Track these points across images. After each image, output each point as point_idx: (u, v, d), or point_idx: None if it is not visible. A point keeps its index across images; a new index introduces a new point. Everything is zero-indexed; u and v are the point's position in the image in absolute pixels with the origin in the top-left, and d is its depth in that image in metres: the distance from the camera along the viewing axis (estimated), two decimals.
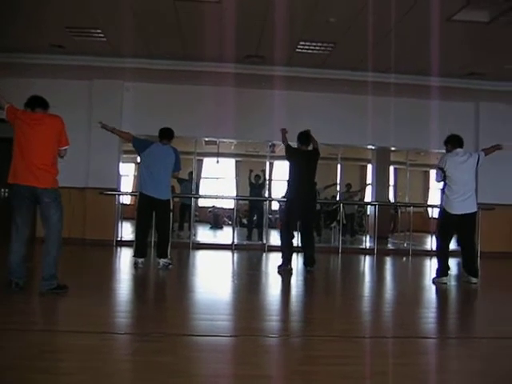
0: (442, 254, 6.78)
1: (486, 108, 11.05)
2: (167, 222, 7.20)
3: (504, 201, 10.65)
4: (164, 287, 6.36)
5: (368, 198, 15.22)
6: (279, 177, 14.93)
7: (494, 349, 3.79)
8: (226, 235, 13.52)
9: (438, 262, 6.79)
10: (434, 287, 6.56)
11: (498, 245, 10.55)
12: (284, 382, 2.98)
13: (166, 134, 7.19)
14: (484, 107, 11.08)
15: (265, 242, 10.90)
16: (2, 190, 10.39)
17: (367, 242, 12.27)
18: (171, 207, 7.28)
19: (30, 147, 4.90)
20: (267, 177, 12.53)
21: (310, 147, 7.61)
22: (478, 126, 11.05)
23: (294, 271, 7.29)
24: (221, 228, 16.53)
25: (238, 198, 12.82)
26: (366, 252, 10.99)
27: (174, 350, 3.41)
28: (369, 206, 14.14)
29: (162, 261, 7.03)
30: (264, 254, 9.98)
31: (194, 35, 8.11)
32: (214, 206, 17.46)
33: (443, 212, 6.79)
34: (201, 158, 16.84)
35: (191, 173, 12.13)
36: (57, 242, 4.99)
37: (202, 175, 18.10)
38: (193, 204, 11.56)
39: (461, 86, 10.07)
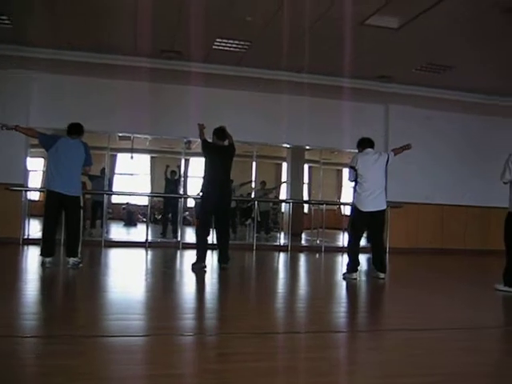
0: (353, 251, 6.99)
1: (396, 110, 11.54)
2: (77, 219, 6.93)
3: (411, 199, 11.19)
4: (73, 287, 6.13)
5: (283, 195, 15.46)
6: (195, 173, 14.84)
7: (400, 340, 3.95)
8: (139, 233, 13.27)
9: (349, 258, 6.99)
10: (344, 283, 6.76)
11: (405, 241, 11.08)
12: (196, 381, 2.95)
13: (75, 129, 6.90)
14: (393, 109, 11.57)
15: (179, 239, 10.80)
16: None
17: (281, 239, 12.45)
18: (81, 204, 7.02)
19: None
20: (182, 173, 12.42)
21: (226, 142, 7.61)
22: (388, 127, 11.52)
23: (208, 268, 7.27)
24: (135, 225, 16.22)
25: (152, 195, 12.62)
26: (280, 249, 11.16)
27: (83, 353, 3.28)
28: (283, 204, 14.37)
29: (71, 260, 6.76)
30: (178, 252, 9.89)
31: (108, 27, 7.88)
32: (128, 203, 17.09)
33: (354, 209, 7.02)
34: (114, 153, 16.43)
35: (104, 169, 11.80)
36: None
37: (116, 171, 17.66)
38: (105, 201, 11.24)
39: (371, 88, 10.46)
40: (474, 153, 11.76)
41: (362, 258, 7.51)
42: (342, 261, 9.03)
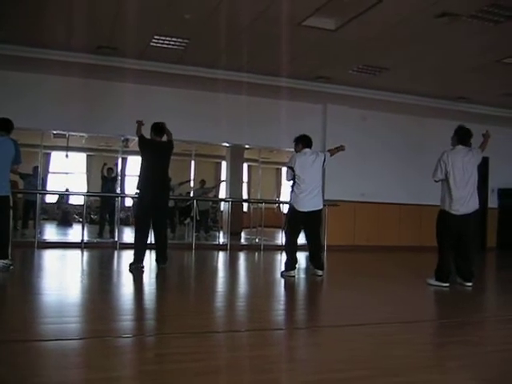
0: (290, 249, 7.06)
1: (333, 110, 11.75)
2: (6, 219, 6.63)
3: (347, 197, 11.42)
4: (3, 290, 5.87)
5: (222, 194, 15.45)
6: (132, 172, 14.58)
7: (337, 336, 4.02)
8: (75, 233, 12.92)
9: (287, 256, 7.07)
10: (283, 280, 6.81)
11: (342, 238, 11.30)
12: (133, 383, 2.89)
13: (4, 125, 6.60)
14: (331, 109, 11.77)
15: (116, 239, 10.59)
16: None
17: (221, 238, 12.43)
18: (11, 204, 6.73)
19: None
20: (120, 172, 12.18)
21: (164, 138, 7.51)
22: (326, 126, 11.71)
23: (146, 269, 7.16)
24: (70, 226, 15.77)
25: (88, 194, 12.30)
26: (219, 248, 11.14)
27: (12, 359, 3.15)
28: (223, 203, 14.35)
29: (1, 262, 6.49)
30: (116, 252, 9.70)
31: (41, 21, 7.61)
32: (63, 203, 16.61)
33: (291, 208, 7.08)
34: (48, 151, 15.90)
35: (36, 167, 11.39)
36: None
37: (50, 170, 17.11)
38: (38, 200, 10.86)
39: (309, 88, 10.60)
40: (408, 152, 12.16)
41: (301, 256, 7.59)
42: (281, 259, 9.10)
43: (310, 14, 7.18)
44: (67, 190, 14.67)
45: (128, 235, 11.46)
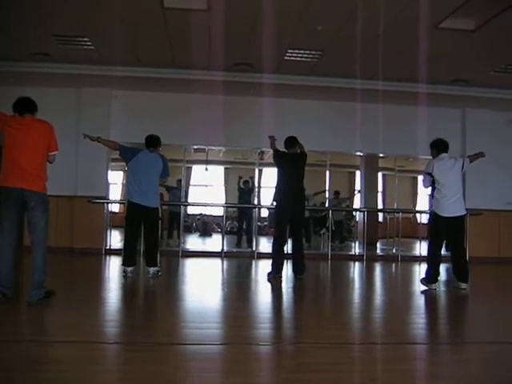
0: (433, 260, 6.75)
1: (473, 114, 11.15)
2: (156, 230, 7.15)
3: (491, 206, 10.74)
4: (154, 296, 6.32)
5: (357, 204, 15.27)
6: (268, 184, 14.92)
7: (484, 354, 3.79)
8: (214, 243, 13.49)
9: (429, 267, 6.76)
10: (421, 292, 6.56)
11: (485, 250, 10.61)
12: None
13: (153, 142, 7.11)
14: (470, 113, 11.18)
15: (254, 249, 10.88)
16: None
17: (356, 249, 12.27)
18: (160, 215, 7.23)
19: (19, 151, 4.85)
20: (256, 184, 12.53)
21: (297, 150, 7.62)
22: (465, 132, 11.14)
23: (283, 278, 7.28)
24: (210, 236, 16.50)
25: (226, 206, 12.79)
26: (355, 258, 11.00)
27: (164, 360, 3.38)
28: (357, 213, 14.18)
29: (151, 269, 6.98)
30: (253, 262, 9.96)
31: (182, 43, 8.12)
32: (201, 214, 17.46)
33: (434, 216, 6.81)
34: (190, 165, 16.81)
35: (180, 180, 12.11)
36: (43, 249, 4.89)
37: (191, 183, 18.06)
38: (182, 212, 11.51)
39: (447, 93, 10.16)
40: None
41: (442, 268, 7.26)
42: (420, 270, 8.79)
43: (447, 15, 6.91)
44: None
45: (264, 245, 11.72)
